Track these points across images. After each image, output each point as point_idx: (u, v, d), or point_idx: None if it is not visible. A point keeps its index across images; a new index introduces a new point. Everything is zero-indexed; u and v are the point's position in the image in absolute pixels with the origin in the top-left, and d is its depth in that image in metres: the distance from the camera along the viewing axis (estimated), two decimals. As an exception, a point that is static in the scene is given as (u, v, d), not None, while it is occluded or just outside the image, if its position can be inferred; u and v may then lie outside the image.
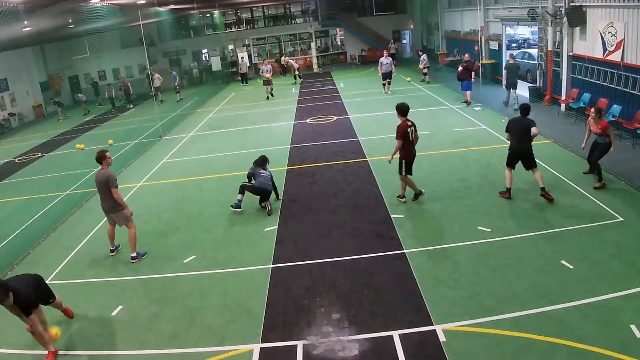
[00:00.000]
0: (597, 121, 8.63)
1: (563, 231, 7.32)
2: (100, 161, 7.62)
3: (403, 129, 8.41)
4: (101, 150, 7.76)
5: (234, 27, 35.12)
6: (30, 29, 17.00)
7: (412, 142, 8.57)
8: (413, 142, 8.60)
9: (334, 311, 5.96)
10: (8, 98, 24.64)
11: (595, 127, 8.67)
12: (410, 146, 8.58)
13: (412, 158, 8.70)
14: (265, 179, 9.29)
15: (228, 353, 5.44)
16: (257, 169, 9.41)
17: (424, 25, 32.24)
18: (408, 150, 8.59)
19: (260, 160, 9.61)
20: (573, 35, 14.03)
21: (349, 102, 19.40)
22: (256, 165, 9.52)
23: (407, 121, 8.47)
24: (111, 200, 7.58)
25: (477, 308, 5.71)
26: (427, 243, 7.44)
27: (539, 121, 8.69)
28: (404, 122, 8.45)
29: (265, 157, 9.74)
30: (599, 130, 8.58)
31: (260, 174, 9.31)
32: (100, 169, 7.64)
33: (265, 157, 9.72)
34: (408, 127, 8.42)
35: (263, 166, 9.53)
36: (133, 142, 16.65)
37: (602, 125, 8.58)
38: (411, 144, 8.58)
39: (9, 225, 9.99)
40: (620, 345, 4.83)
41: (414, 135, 8.56)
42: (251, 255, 7.67)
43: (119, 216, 7.75)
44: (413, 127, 8.51)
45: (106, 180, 7.49)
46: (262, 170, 9.40)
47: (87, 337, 6.01)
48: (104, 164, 7.64)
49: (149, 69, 24.41)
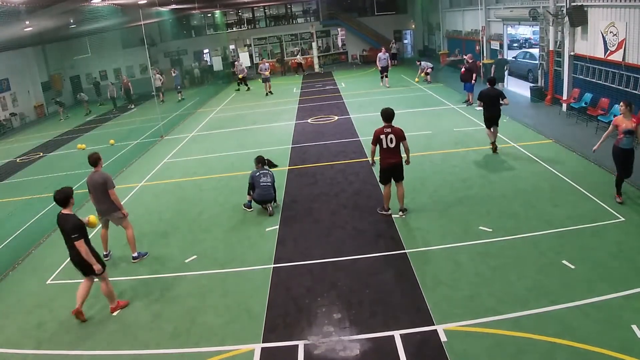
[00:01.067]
0: (629, 116, 7.74)
1: (564, 231, 7.31)
2: (96, 163, 7.55)
3: (377, 134, 7.97)
4: (95, 153, 7.70)
5: (235, 27, 35.15)
6: (32, 29, 16.99)
7: (388, 149, 8.00)
8: (391, 149, 8.00)
9: (335, 311, 5.96)
10: (9, 98, 24.68)
11: (628, 123, 7.68)
12: (385, 153, 8.06)
13: (387, 166, 8.11)
14: (265, 188, 8.94)
15: (229, 353, 5.44)
16: (256, 176, 8.99)
17: (425, 25, 32.22)
18: (382, 157, 8.13)
19: (257, 161, 9.28)
20: (574, 35, 14.01)
21: (350, 102, 19.39)
22: (256, 169, 9.20)
23: (386, 127, 7.95)
24: (108, 201, 7.52)
25: (478, 308, 5.71)
26: (428, 243, 7.44)
27: (540, 121, 8.69)
28: (382, 128, 7.98)
29: (261, 158, 9.37)
30: (633, 125, 7.65)
31: (260, 184, 8.93)
32: (94, 171, 7.55)
33: (260, 158, 9.35)
34: (383, 134, 7.92)
35: (262, 168, 9.23)
36: (134, 142, 16.67)
37: (638, 119, 7.90)
38: (387, 151, 8.02)
39: (10, 225, 10.02)
40: (621, 345, 4.82)
41: (394, 143, 7.95)
42: (252, 255, 7.68)
43: (116, 217, 7.69)
44: (392, 134, 7.90)
45: (104, 181, 7.43)
46: (263, 177, 8.98)
47: (87, 337, 6.01)
48: (99, 165, 7.59)
49: (151, 68, 24.44)
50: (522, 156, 10.83)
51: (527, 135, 12.45)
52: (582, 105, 13.32)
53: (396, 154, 8.08)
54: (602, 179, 9.17)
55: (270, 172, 9.27)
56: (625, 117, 7.77)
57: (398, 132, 7.98)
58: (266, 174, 9.09)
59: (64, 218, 6.09)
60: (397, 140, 7.97)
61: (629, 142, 7.73)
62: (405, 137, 8.04)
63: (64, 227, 6.08)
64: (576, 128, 12.71)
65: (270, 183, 9.06)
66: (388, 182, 8.27)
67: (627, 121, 7.72)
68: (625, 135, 7.68)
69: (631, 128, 7.68)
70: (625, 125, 7.71)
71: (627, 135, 7.67)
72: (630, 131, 7.66)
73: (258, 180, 8.96)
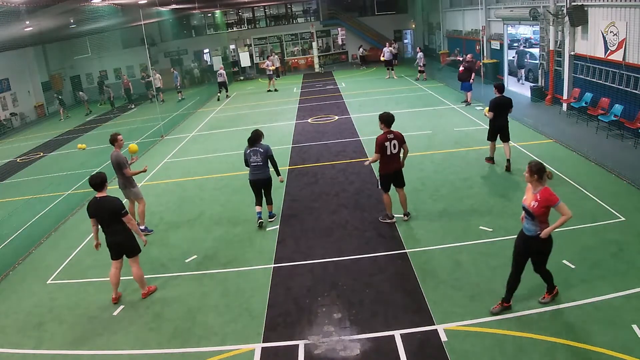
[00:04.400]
0: (537, 186, 5.22)
1: (564, 231, 7.29)
2: (113, 143, 8.35)
3: (381, 141, 7.65)
4: (114, 133, 8.47)
5: (235, 26, 35.13)
6: (32, 29, 16.98)
7: (392, 156, 7.77)
8: (394, 155, 7.79)
9: (335, 311, 5.96)
10: (10, 98, 24.67)
11: (530, 197, 5.26)
12: (388, 159, 7.79)
13: (389, 172, 7.86)
14: (256, 168, 8.27)
15: (229, 353, 5.44)
16: (247, 154, 8.32)
17: (426, 24, 32.20)
18: (384, 163, 7.82)
19: (252, 137, 8.33)
20: (575, 34, 14.00)
21: (351, 102, 19.39)
22: (249, 145, 8.33)
23: (389, 133, 7.69)
24: (122, 178, 8.43)
25: (479, 308, 5.71)
26: (429, 243, 7.43)
27: (540, 121, 8.68)
28: (384, 134, 7.69)
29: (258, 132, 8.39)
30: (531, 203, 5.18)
31: (250, 161, 8.28)
32: (114, 150, 8.35)
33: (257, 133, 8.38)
34: (387, 140, 7.66)
35: (255, 144, 8.28)
36: (134, 142, 16.64)
37: (544, 196, 5.14)
38: (391, 157, 7.78)
39: (10, 225, 10.01)
40: (621, 345, 4.82)
41: (397, 148, 7.75)
42: (252, 254, 7.68)
43: (130, 193, 8.60)
44: (395, 140, 7.68)
45: (116, 162, 8.26)
46: (253, 155, 8.23)
47: (88, 336, 6.01)
48: (116, 145, 8.34)
49: (151, 68, 24.44)
50: (522, 156, 10.82)
51: (527, 135, 12.44)
52: (583, 105, 13.31)
53: (398, 160, 7.92)
54: (602, 179, 9.17)
55: (262, 148, 8.27)
56: (532, 189, 5.27)
57: (399, 136, 7.78)
58: (256, 151, 8.25)
59: (105, 200, 6.31)
60: (399, 145, 7.79)
61: (528, 225, 5.29)
62: (405, 141, 7.88)
63: (107, 207, 6.26)
64: (576, 128, 12.70)
65: (261, 162, 8.25)
66: (389, 188, 8.02)
67: (529, 194, 5.28)
68: (525, 215, 5.33)
69: (527, 206, 5.19)
70: (525, 199, 5.33)
71: (527, 216, 5.27)
72: (528, 211, 5.19)
73: (248, 160, 8.34)
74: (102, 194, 6.36)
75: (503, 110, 9.75)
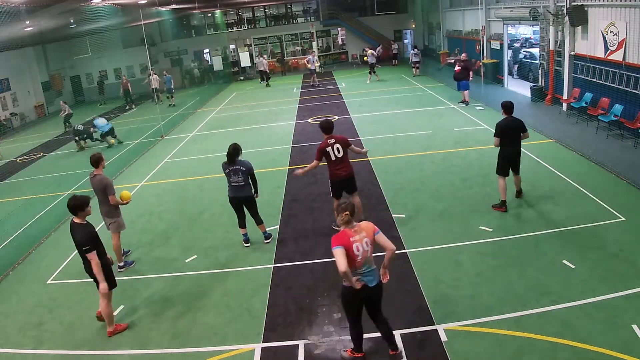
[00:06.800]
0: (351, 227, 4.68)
1: (564, 231, 7.31)
2: (98, 164, 7.29)
3: (322, 148, 7.42)
4: (97, 153, 7.45)
5: (235, 26, 35.13)
6: (32, 29, 16.99)
7: (338, 161, 7.50)
8: (341, 160, 7.50)
9: (335, 311, 5.96)
10: (10, 98, 24.66)
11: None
12: (335, 165, 7.53)
13: (339, 178, 7.58)
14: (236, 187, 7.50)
15: (229, 353, 5.44)
16: (227, 173, 7.45)
17: (426, 24, 32.20)
18: (333, 170, 7.58)
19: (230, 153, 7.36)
20: (575, 34, 14.00)
21: (350, 102, 19.38)
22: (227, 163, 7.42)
23: (329, 139, 7.46)
24: (107, 206, 7.32)
25: (479, 308, 5.71)
26: (429, 242, 7.43)
27: (540, 121, 8.66)
28: (325, 141, 7.46)
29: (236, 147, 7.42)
30: None
31: (231, 181, 7.47)
32: (95, 172, 7.27)
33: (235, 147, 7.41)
34: (328, 146, 7.43)
35: (234, 161, 7.37)
36: (134, 142, 16.67)
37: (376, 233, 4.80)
38: (338, 162, 7.51)
39: (10, 225, 10.01)
40: (622, 345, 4.82)
41: (342, 152, 7.47)
42: (252, 254, 7.68)
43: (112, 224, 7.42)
44: (338, 143, 7.43)
45: (104, 187, 7.17)
46: (233, 174, 7.40)
47: (88, 336, 6.02)
48: (100, 167, 7.32)
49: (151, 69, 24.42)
50: (522, 156, 10.80)
51: (527, 135, 12.43)
52: (583, 104, 13.31)
53: (346, 165, 7.61)
54: (602, 179, 9.17)
55: (244, 167, 7.39)
56: None
57: (342, 139, 7.57)
58: (237, 170, 7.37)
59: (74, 227, 5.71)
60: (344, 149, 7.52)
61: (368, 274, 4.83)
62: (350, 143, 7.66)
63: (73, 237, 5.71)
64: (576, 128, 12.70)
65: (243, 182, 7.43)
66: (340, 195, 7.69)
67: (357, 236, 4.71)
68: None
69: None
70: None
71: None
72: None
73: (228, 179, 7.52)
74: (77, 220, 5.71)
75: (511, 135, 7.91)
